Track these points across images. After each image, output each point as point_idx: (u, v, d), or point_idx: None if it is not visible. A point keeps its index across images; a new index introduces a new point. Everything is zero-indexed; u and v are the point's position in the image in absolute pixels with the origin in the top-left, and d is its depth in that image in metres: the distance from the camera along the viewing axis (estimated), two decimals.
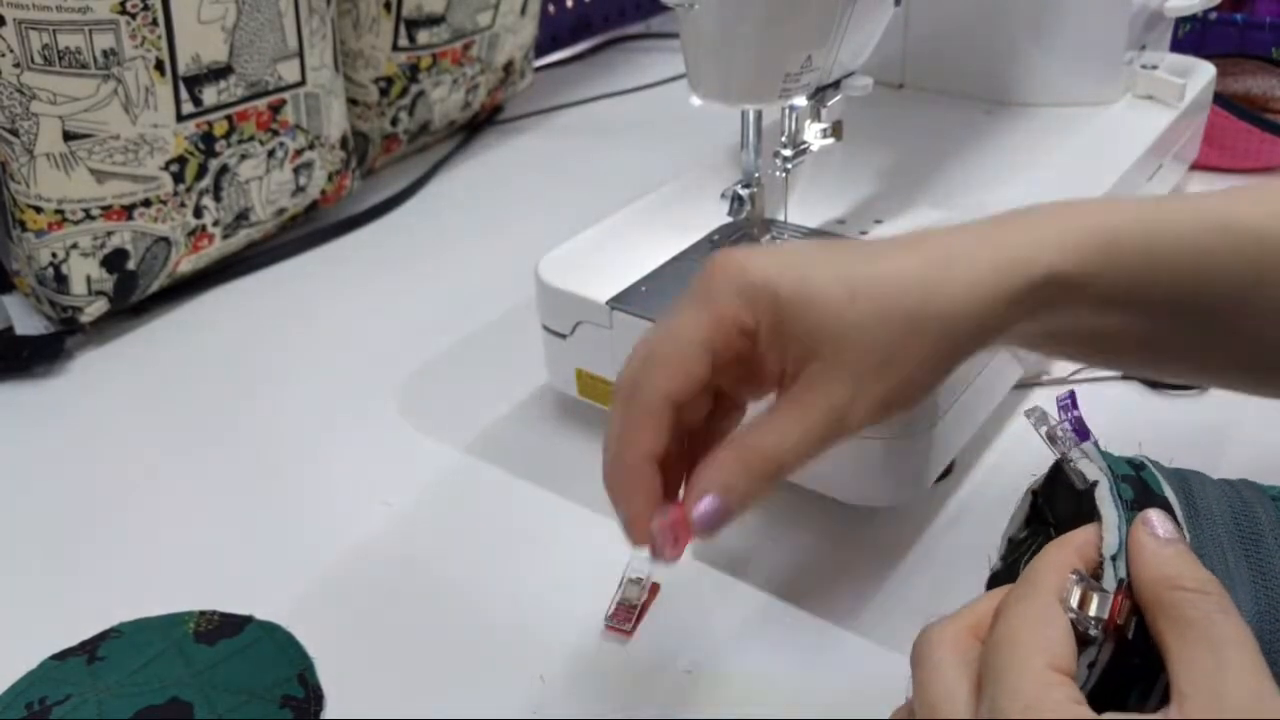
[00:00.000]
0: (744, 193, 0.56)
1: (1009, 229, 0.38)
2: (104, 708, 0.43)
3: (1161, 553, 0.30)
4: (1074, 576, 0.30)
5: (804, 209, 0.61)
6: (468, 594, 0.49)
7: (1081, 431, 0.34)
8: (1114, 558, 0.30)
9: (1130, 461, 0.34)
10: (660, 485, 0.37)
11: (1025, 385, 0.60)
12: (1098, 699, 0.28)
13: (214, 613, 0.48)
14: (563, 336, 0.56)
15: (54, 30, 0.62)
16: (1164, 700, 0.28)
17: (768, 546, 0.51)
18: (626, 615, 0.47)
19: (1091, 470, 0.32)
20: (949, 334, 0.36)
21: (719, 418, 0.40)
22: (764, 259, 0.37)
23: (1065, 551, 0.31)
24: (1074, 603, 0.29)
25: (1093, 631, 0.29)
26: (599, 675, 0.45)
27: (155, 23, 0.66)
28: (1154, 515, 0.31)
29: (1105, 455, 0.33)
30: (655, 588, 0.49)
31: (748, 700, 0.44)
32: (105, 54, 0.64)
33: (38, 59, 0.62)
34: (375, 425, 0.62)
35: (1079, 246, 0.37)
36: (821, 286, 0.36)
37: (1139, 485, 0.32)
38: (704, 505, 0.35)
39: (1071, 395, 0.34)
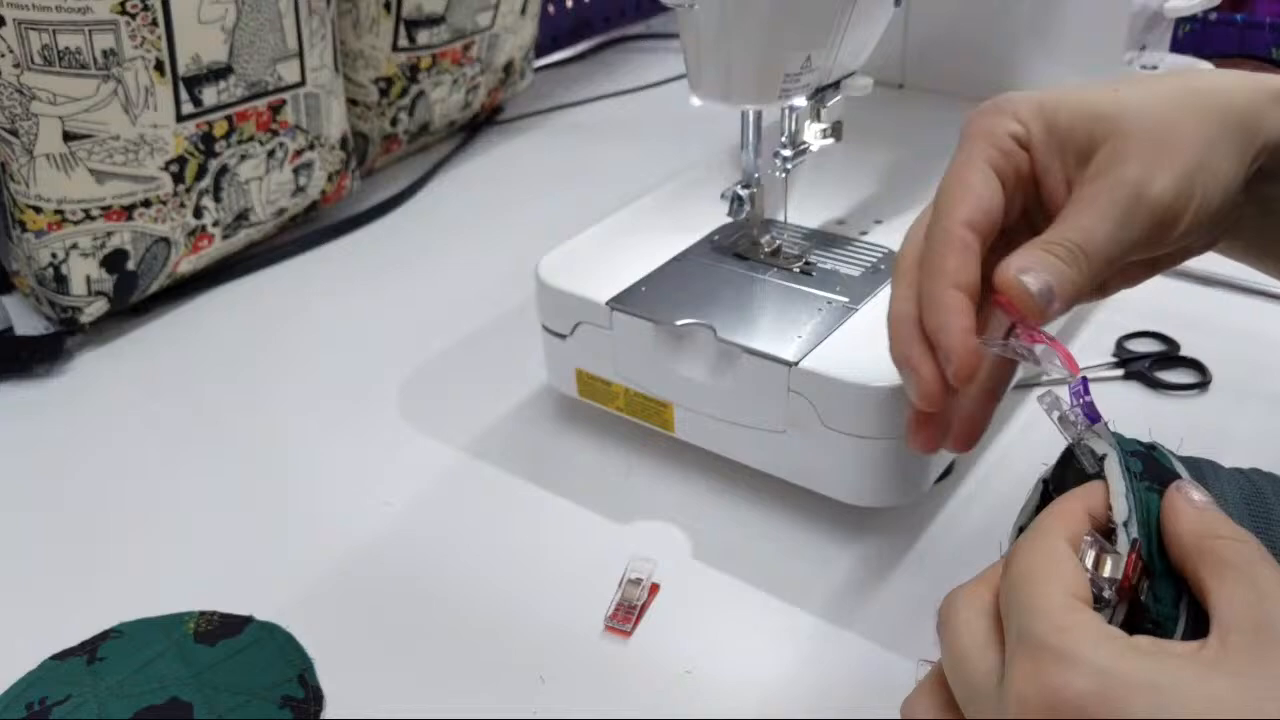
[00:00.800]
0: (744, 193, 0.56)
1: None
2: (104, 708, 0.43)
3: (1199, 513, 0.31)
4: (1088, 539, 0.31)
5: (804, 209, 0.61)
6: (468, 594, 0.49)
7: (1093, 416, 0.34)
8: (1125, 523, 0.31)
9: (1140, 442, 0.34)
10: (975, 316, 0.35)
11: (1025, 385, 0.60)
12: None
13: (214, 613, 0.48)
14: (563, 337, 0.56)
15: (54, 30, 0.62)
16: None
17: (768, 546, 0.51)
18: (626, 615, 0.47)
19: (1101, 446, 0.33)
20: (1219, 109, 0.36)
21: None
22: (1021, 93, 0.38)
23: (1071, 502, 0.32)
24: (1089, 564, 0.30)
25: (1107, 593, 0.30)
26: (599, 675, 0.45)
27: (155, 23, 0.66)
28: (1188, 485, 0.32)
29: (1116, 436, 0.34)
30: (655, 588, 0.49)
31: (748, 700, 0.44)
32: (105, 54, 0.64)
33: (38, 59, 0.62)
34: (375, 425, 0.62)
35: None
36: (1083, 94, 0.37)
37: (1149, 460, 0.33)
38: (1027, 283, 0.33)
39: (1084, 381, 0.35)
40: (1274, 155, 0.36)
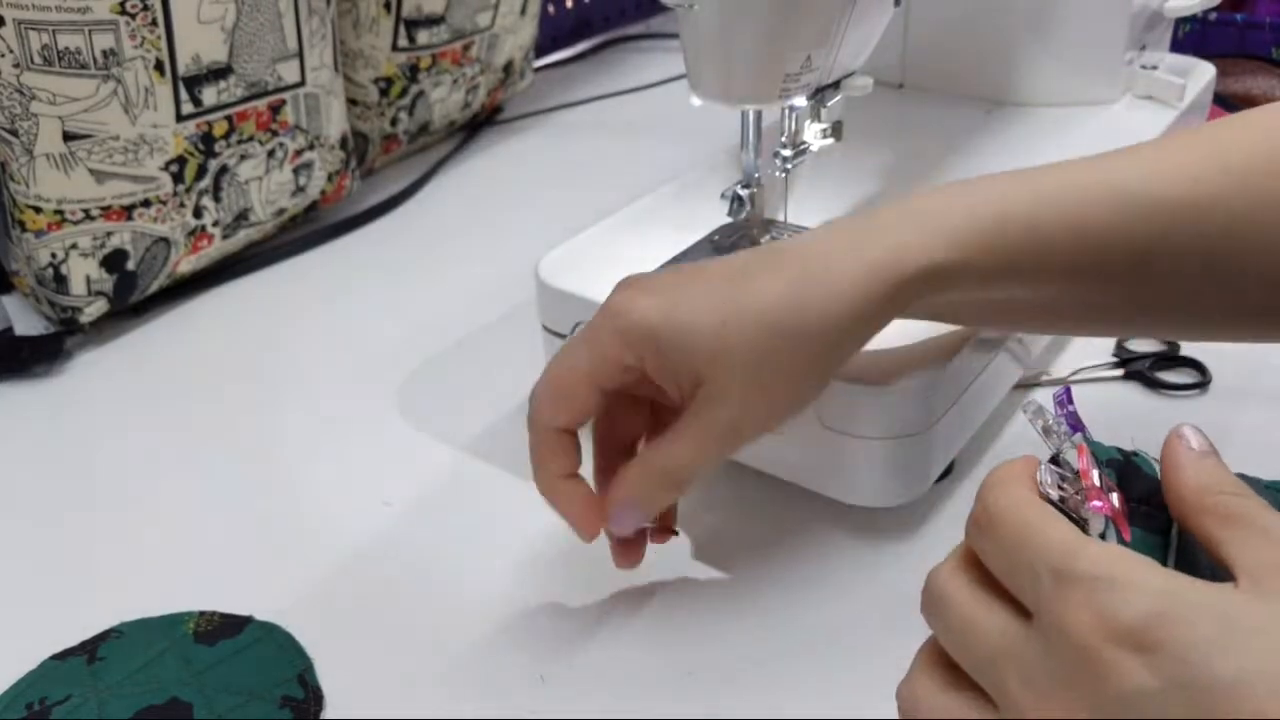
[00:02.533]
0: (744, 193, 0.56)
1: (882, 228, 0.40)
2: (104, 708, 0.43)
3: (1199, 463, 0.30)
4: (1042, 467, 0.32)
5: (804, 209, 0.61)
6: (468, 594, 0.49)
7: (1076, 426, 0.34)
8: (1102, 535, 0.31)
9: (1121, 450, 0.34)
10: (584, 490, 0.44)
11: (1025, 385, 0.60)
12: None
13: (214, 613, 0.48)
14: (563, 336, 0.56)
15: (54, 30, 0.62)
16: None
17: (768, 546, 0.51)
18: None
19: (1075, 458, 0.33)
20: (823, 342, 0.40)
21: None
22: (645, 299, 0.41)
23: (1018, 463, 0.33)
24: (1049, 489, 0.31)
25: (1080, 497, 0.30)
26: (599, 675, 0.45)
27: (155, 23, 0.66)
28: (1186, 429, 0.31)
29: (1094, 445, 0.34)
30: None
31: (748, 700, 0.44)
32: (105, 54, 0.64)
33: (37, 59, 0.62)
34: (375, 425, 0.62)
35: (956, 233, 0.39)
36: (694, 320, 0.40)
37: (1126, 468, 0.33)
38: (617, 513, 0.43)
39: (1067, 391, 0.35)
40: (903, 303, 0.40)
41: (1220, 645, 0.25)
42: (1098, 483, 0.31)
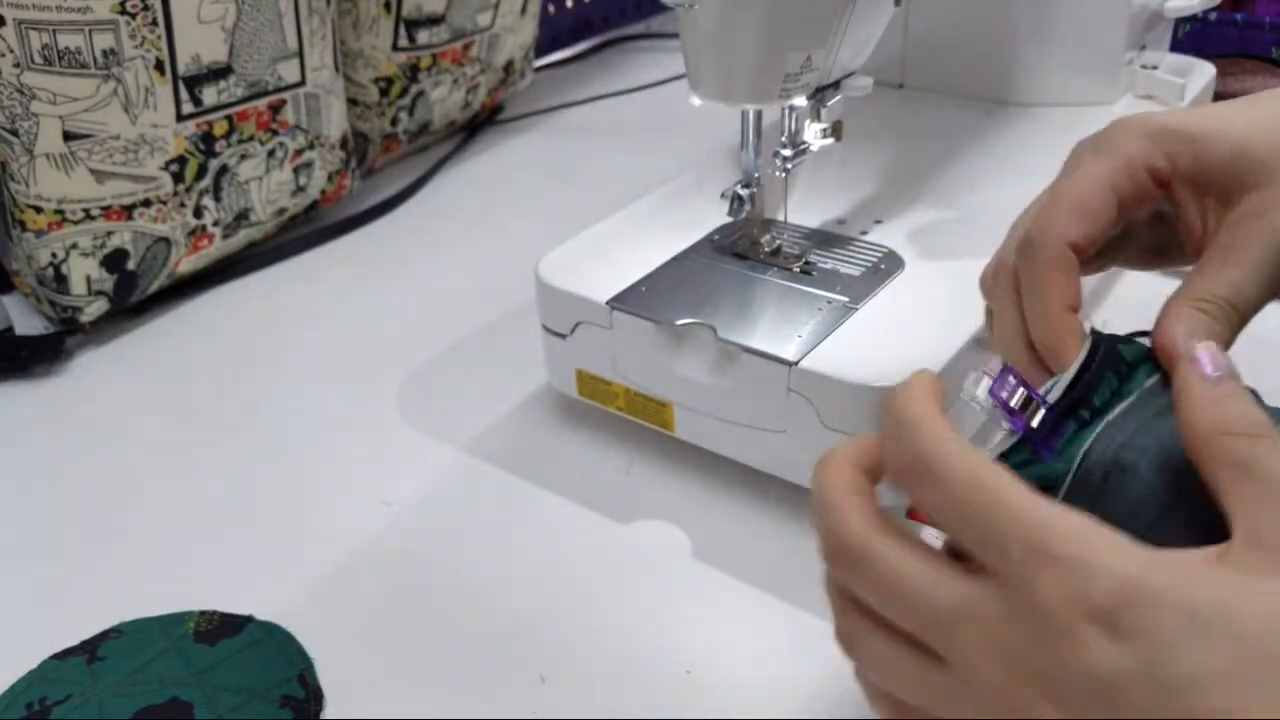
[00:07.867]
0: (744, 193, 0.56)
1: None
2: (104, 708, 0.43)
3: (1210, 394, 0.29)
4: (974, 374, 0.31)
5: (804, 209, 0.61)
6: (468, 594, 0.50)
7: (1020, 424, 0.34)
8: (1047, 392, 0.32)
9: (1095, 330, 0.34)
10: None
11: None
12: None
13: (214, 613, 0.48)
14: (563, 336, 0.56)
15: (54, 30, 0.62)
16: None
17: (768, 546, 0.51)
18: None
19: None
20: None
21: None
22: (1166, 113, 0.36)
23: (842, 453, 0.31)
24: (979, 394, 0.31)
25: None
26: (599, 675, 0.45)
27: (155, 23, 0.66)
28: (1202, 351, 0.30)
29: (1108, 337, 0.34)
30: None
31: (748, 700, 0.44)
32: (105, 54, 0.64)
33: (38, 59, 0.62)
34: (375, 425, 0.62)
35: None
36: (1233, 123, 0.35)
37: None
38: (1195, 349, 0.32)
39: (1009, 370, 0.34)
40: None
41: (1186, 637, 0.25)
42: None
